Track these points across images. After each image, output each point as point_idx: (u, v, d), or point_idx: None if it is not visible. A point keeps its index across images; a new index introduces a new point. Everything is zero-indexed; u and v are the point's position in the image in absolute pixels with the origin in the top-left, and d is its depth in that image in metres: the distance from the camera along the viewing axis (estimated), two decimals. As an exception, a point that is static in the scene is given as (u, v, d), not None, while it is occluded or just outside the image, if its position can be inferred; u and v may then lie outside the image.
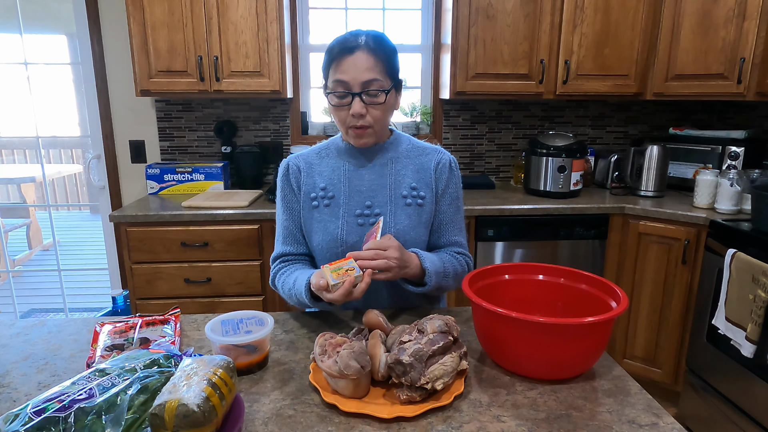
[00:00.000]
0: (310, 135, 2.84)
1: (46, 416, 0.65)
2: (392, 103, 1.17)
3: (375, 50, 1.09)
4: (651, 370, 2.35)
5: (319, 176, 1.24)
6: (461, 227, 1.29)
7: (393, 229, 1.18)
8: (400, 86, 1.19)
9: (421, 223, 1.21)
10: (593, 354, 0.89)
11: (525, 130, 2.92)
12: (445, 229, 1.26)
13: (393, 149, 1.24)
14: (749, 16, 2.20)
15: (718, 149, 2.45)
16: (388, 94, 1.12)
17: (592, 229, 2.35)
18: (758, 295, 1.72)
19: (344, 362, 0.80)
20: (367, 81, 1.09)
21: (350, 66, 1.09)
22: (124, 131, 2.73)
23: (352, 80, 1.09)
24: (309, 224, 1.24)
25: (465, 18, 2.39)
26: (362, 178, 1.22)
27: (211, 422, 0.67)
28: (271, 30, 2.31)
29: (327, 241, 1.19)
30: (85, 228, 5.88)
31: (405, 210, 1.20)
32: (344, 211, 1.20)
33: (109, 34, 2.60)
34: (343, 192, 1.22)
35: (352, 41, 1.09)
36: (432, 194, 1.23)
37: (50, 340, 1.07)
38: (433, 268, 1.13)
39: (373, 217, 1.20)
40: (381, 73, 1.10)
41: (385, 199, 1.20)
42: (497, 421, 0.79)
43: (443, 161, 1.25)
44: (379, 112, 1.13)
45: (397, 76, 1.17)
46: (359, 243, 1.18)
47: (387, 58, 1.12)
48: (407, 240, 1.18)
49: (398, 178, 1.22)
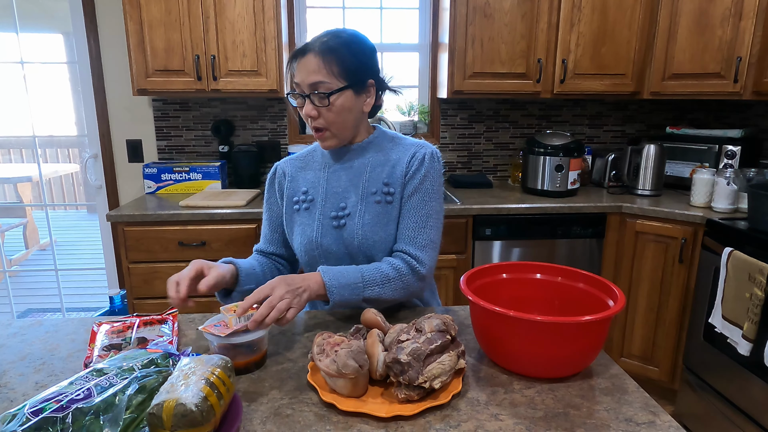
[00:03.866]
0: (308, 134, 2.83)
1: (44, 416, 0.65)
2: (348, 105, 1.12)
3: (324, 52, 1.08)
4: (648, 368, 2.36)
5: (303, 180, 1.25)
6: (423, 224, 1.15)
7: (360, 229, 1.15)
8: (362, 87, 1.14)
9: (390, 221, 1.17)
10: (590, 352, 0.89)
11: (522, 129, 2.92)
12: (401, 222, 1.16)
13: (373, 148, 1.22)
14: (746, 15, 2.20)
15: (714, 148, 2.46)
16: (334, 96, 1.09)
17: (590, 227, 2.36)
18: (755, 294, 1.73)
19: (342, 361, 0.80)
20: (313, 83, 1.09)
21: (300, 68, 1.10)
22: (121, 130, 2.72)
23: (301, 82, 1.10)
24: (290, 227, 1.25)
25: (462, 17, 2.39)
26: (339, 180, 1.21)
27: (209, 422, 0.67)
28: (268, 29, 2.31)
29: (304, 243, 1.20)
30: (82, 228, 5.86)
31: (373, 208, 1.17)
32: (320, 213, 1.20)
33: (105, 32, 2.60)
34: (320, 195, 1.21)
35: (307, 44, 1.11)
36: (402, 189, 1.17)
37: (47, 340, 1.06)
38: (336, 282, 1.06)
39: (344, 218, 1.17)
40: (329, 75, 1.08)
41: (356, 199, 1.18)
42: (495, 420, 0.79)
43: (419, 153, 1.17)
44: (331, 114, 1.11)
45: (357, 76, 1.11)
46: (333, 245, 1.17)
47: (339, 59, 1.08)
48: (375, 240, 1.15)
49: (373, 176, 1.19)
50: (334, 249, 1.18)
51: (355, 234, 1.16)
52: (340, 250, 1.18)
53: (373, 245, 1.16)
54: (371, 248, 1.16)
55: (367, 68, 1.14)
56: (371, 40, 1.19)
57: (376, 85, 1.18)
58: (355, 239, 1.16)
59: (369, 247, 1.16)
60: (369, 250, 1.16)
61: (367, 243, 1.15)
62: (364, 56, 1.13)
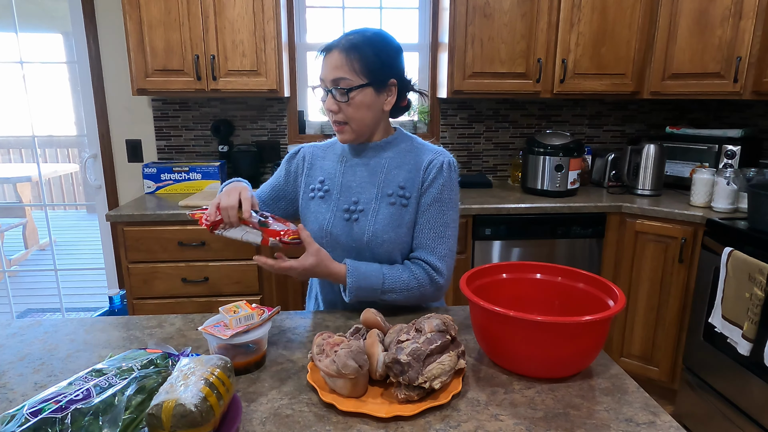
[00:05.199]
0: (308, 134, 2.83)
1: (43, 417, 0.65)
2: (367, 102, 1.14)
3: (348, 50, 1.12)
4: (648, 368, 2.36)
5: (320, 169, 1.29)
6: (441, 234, 1.19)
7: (372, 227, 1.18)
8: (383, 86, 1.16)
9: (402, 224, 1.19)
10: (591, 352, 0.89)
11: (522, 129, 2.92)
12: (419, 232, 1.20)
13: (391, 149, 1.24)
14: (745, 15, 2.20)
15: (714, 148, 2.46)
16: (354, 93, 1.12)
17: (590, 227, 2.36)
18: (754, 293, 1.73)
19: (342, 361, 0.80)
20: (336, 79, 1.13)
21: (325, 64, 1.15)
22: (120, 130, 2.72)
23: (325, 77, 1.15)
24: (305, 213, 1.29)
25: (462, 17, 2.39)
26: (354, 175, 1.24)
27: (208, 422, 0.67)
28: (267, 29, 2.30)
29: (315, 230, 1.24)
30: (82, 228, 5.86)
31: (387, 209, 1.19)
32: (334, 204, 1.23)
33: (105, 32, 2.59)
34: (336, 187, 1.24)
35: (333, 41, 1.15)
36: (418, 195, 1.20)
37: (47, 340, 1.06)
38: (357, 284, 1.12)
39: (357, 213, 1.20)
40: (351, 72, 1.11)
41: (371, 197, 1.21)
42: (495, 420, 0.79)
43: (436, 161, 1.20)
44: (350, 109, 1.14)
45: (378, 75, 1.14)
46: (342, 236, 1.21)
47: (361, 57, 1.11)
48: (385, 240, 1.17)
49: (389, 177, 1.21)
50: (343, 240, 1.21)
51: (366, 230, 1.18)
52: (348, 243, 1.20)
53: (381, 244, 1.18)
54: (379, 246, 1.18)
55: (390, 68, 1.17)
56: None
57: (399, 85, 1.20)
58: (365, 235, 1.18)
59: (377, 245, 1.18)
60: (377, 247, 1.18)
61: (376, 241, 1.17)
62: (386, 56, 1.16)
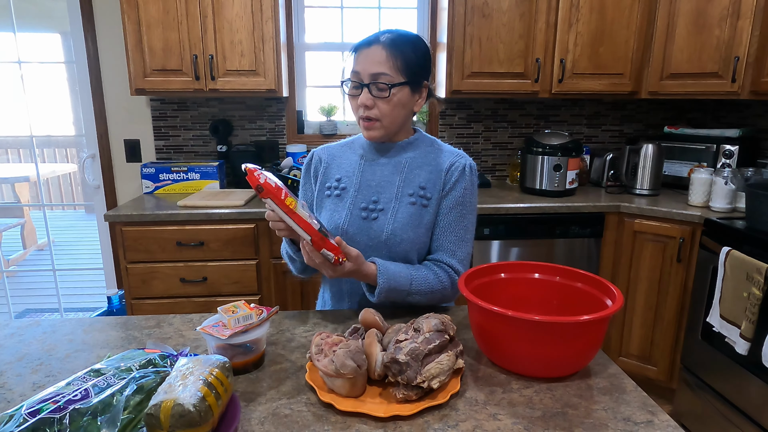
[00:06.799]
0: (306, 134, 2.83)
1: (41, 417, 0.65)
2: (404, 101, 1.16)
3: (391, 47, 1.12)
4: (646, 367, 2.37)
5: (337, 168, 1.28)
6: (462, 237, 1.21)
7: (391, 226, 1.18)
8: (418, 87, 1.18)
9: (421, 224, 1.19)
10: (589, 352, 0.89)
11: (521, 128, 2.92)
12: (440, 234, 1.21)
13: (412, 149, 1.24)
14: (743, 15, 2.21)
15: (712, 148, 2.46)
16: (395, 89, 1.13)
17: (588, 227, 2.36)
18: (752, 293, 1.73)
19: (340, 361, 0.80)
20: (376, 74, 1.12)
21: (364, 58, 1.13)
22: (118, 130, 2.72)
23: (362, 71, 1.13)
24: (319, 211, 1.28)
25: (461, 17, 2.39)
26: (374, 174, 1.24)
27: (207, 422, 0.67)
28: (266, 29, 2.30)
29: (330, 228, 1.23)
30: (80, 228, 5.85)
31: (407, 209, 1.19)
32: (351, 203, 1.22)
33: (103, 32, 2.59)
34: (354, 185, 1.24)
35: (373, 37, 1.15)
36: (439, 196, 1.21)
37: (45, 341, 1.06)
38: (387, 285, 1.11)
39: (376, 212, 1.20)
40: (392, 69, 1.12)
41: (391, 196, 1.21)
42: (493, 420, 0.79)
43: (458, 164, 1.22)
44: (386, 106, 1.14)
45: (416, 76, 1.16)
46: (358, 235, 1.20)
47: (403, 55, 1.13)
48: (403, 239, 1.18)
49: (410, 177, 1.22)
50: (359, 239, 1.20)
51: (384, 229, 1.18)
52: (364, 241, 1.20)
53: (399, 243, 1.18)
54: (397, 245, 1.18)
55: (425, 70, 1.19)
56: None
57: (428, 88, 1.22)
58: (384, 234, 1.18)
59: (395, 244, 1.18)
60: (395, 246, 1.18)
61: (394, 240, 1.18)
62: (424, 59, 1.18)
